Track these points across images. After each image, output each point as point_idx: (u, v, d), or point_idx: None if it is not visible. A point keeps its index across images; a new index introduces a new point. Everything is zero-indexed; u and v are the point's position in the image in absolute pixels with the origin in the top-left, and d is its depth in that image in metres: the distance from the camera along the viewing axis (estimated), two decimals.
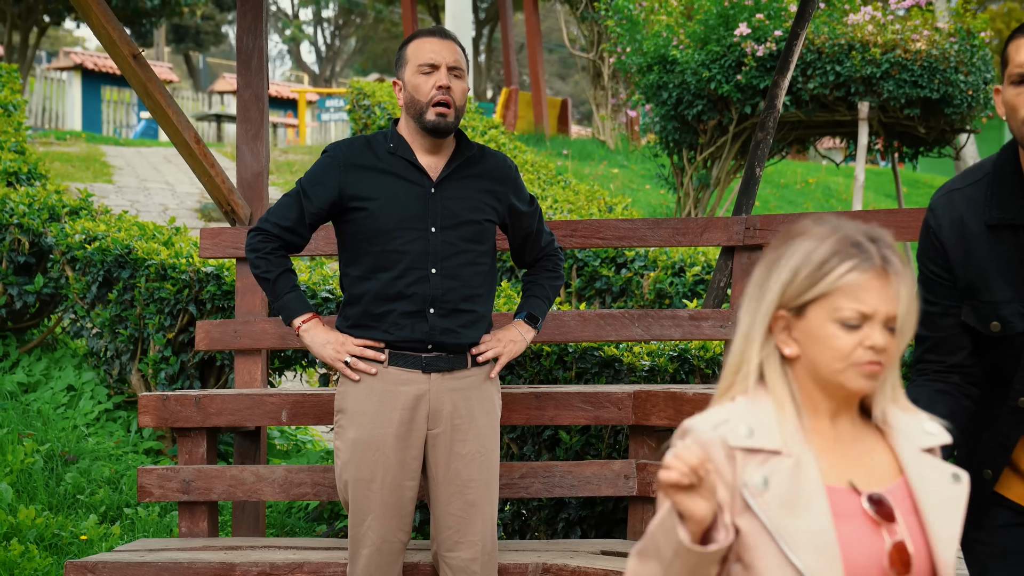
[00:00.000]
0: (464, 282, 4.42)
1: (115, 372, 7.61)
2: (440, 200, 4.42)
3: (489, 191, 4.51)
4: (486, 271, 4.50)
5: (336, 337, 4.41)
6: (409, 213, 4.39)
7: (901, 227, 5.28)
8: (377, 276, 4.39)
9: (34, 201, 8.38)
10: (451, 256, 4.41)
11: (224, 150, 21.97)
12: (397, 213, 4.39)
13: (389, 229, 4.39)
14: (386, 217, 4.39)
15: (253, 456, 5.61)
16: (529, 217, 4.63)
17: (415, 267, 4.37)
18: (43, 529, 6.12)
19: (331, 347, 4.40)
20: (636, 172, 21.17)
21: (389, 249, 4.38)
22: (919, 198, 24.28)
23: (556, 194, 12.10)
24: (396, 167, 4.44)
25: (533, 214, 4.64)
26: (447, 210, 4.42)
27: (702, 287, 9.63)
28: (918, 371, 3.44)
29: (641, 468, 5.04)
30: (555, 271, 4.74)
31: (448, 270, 4.40)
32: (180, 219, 14.51)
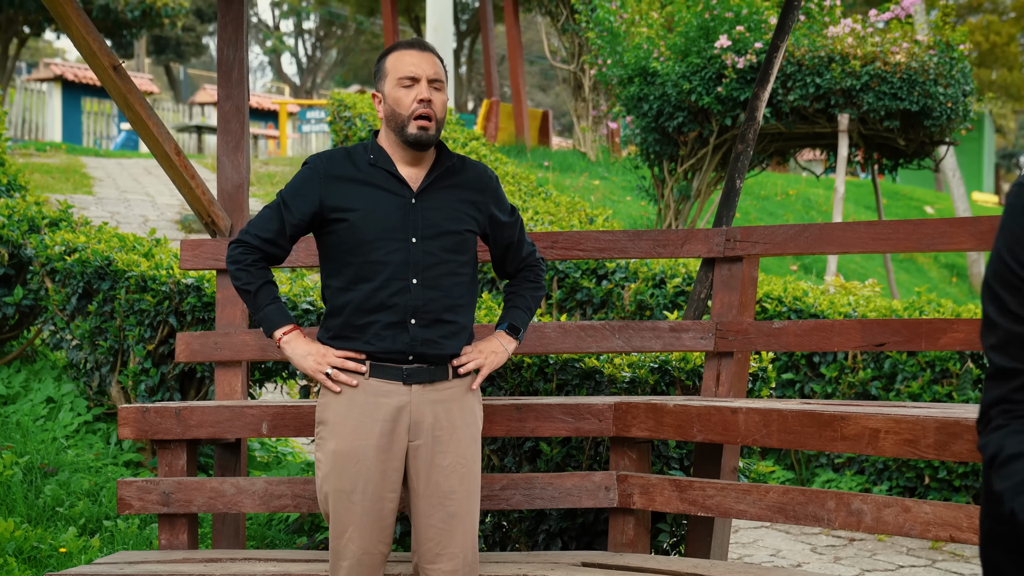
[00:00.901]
0: (445, 292, 4.42)
1: (95, 384, 7.59)
2: (421, 211, 4.42)
3: (470, 201, 4.51)
4: (467, 282, 4.50)
5: (317, 349, 4.41)
6: (390, 224, 4.39)
7: (881, 239, 5.30)
8: (358, 287, 4.39)
9: (14, 213, 8.36)
10: (432, 266, 4.40)
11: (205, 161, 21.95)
12: (378, 224, 4.39)
13: (370, 240, 4.38)
14: (367, 228, 4.39)
15: (233, 468, 5.60)
16: (510, 227, 4.64)
17: (396, 278, 4.36)
18: (22, 542, 6.10)
19: (312, 359, 4.40)
20: (617, 184, 21.19)
21: (370, 260, 4.37)
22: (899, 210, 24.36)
23: (537, 206, 12.11)
24: (376, 178, 4.44)
25: (514, 224, 4.65)
26: (428, 220, 4.42)
27: (683, 299, 9.64)
28: (1005, 413, 2.49)
29: (622, 480, 5.04)
30: (536, 282, 4.74)
31: (429, 280, 4.39)
32: (160, 231, 14.49)
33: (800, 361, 9.20)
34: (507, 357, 4.57)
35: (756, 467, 6.11)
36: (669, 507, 4.92)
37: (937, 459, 4.36)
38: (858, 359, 8.95)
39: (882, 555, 7.85)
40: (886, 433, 4.33)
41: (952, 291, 19.96)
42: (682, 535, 5.82)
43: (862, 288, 10.68)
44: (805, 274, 17.26)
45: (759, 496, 4.69)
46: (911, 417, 4.28)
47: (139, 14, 25.50)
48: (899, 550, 7.98)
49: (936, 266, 21.59)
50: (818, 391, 9.05)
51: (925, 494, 8.42)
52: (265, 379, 6.92)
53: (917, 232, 5.21)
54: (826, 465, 9.09)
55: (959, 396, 8.45)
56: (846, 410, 4.47)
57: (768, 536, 8.19)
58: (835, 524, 4.50)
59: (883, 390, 8.82)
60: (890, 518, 4.38)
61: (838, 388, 8.98)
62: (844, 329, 5.29)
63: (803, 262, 18.07)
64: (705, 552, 5.31)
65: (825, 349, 5.41)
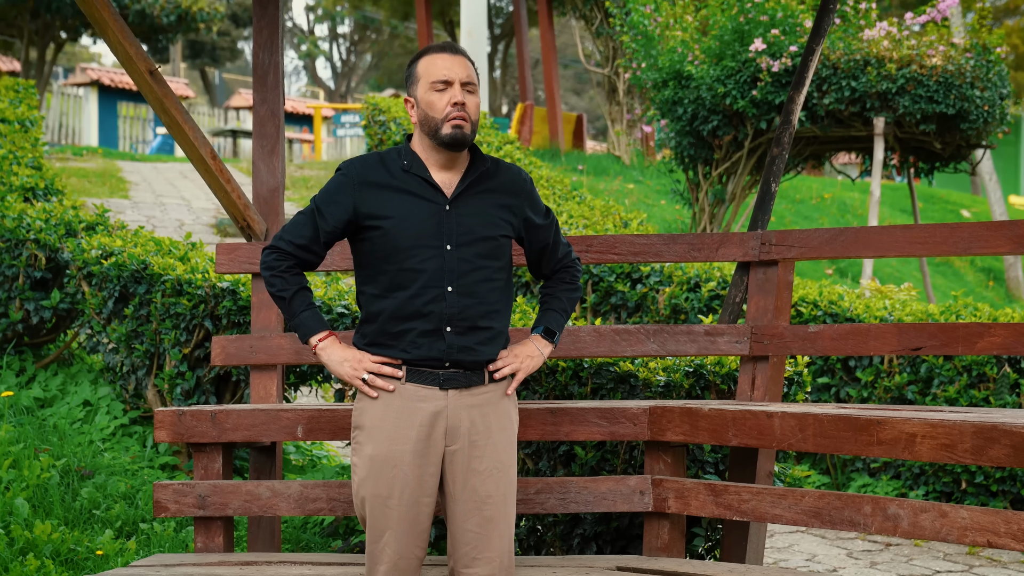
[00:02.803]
0: (481, 299, 4.41)
1: (131, 387, 7.62)
2: (455, 217, 4.41)
3: (504, 205, 4.50)
4: (502, 287, 4.50)
5: (353, 355, 4.41)
6: (424, 231, 4.38)
7: (917, 243, 5.27)
8: (394, 295, 4.39)
9: (51, 217, 8.40)
10: (467, 273, 4.39)
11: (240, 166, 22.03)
12: (412, 231, 4.38)
13: (405, 247, 4.38)
14: (401, 235, 4.38)
15: (269, 471, 5.61)
16: (545, 230, 4.63)
17: (431, 285, 4.36)
18: (59, 544, 6.13)
19: (348, 365, 4.41)
20: (651, 187, 21.17)
21: (405, 267, 4.37)
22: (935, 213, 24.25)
23: (571, 209, 12.10)
24: (410, 184, 4.43)
25: (549, 226, 4.64)
26: (462, 227, 4.41)
27: (717, 302, 9.62)
28: None
29: (657, 484, 5.03)
30: (572, 283, 4.73)
31: (464, 287, 4.39)
32: (196, 234, 14.55)
33: (836, 365, 9.17)
34: (543, 361, 4.57)
35: (791, 471, 6.09)
36: (704, 511, 4.91)
37: (974, 464, 4.34)
38: (894, 363, 8.91)
39: (918, 560, 7.82)
40: (922, 438, 4.31)
41: (989, 295, 19.86)
42: (717, 539, 5.81)
43: (898, 292, 10.63)
44: (841, 278, 17.20)
45: (795, 500, 4.68)
46: (948, 422, 4.26)
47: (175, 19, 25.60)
48: (935, 555, 7.95)
49: (973, 270, 21.48)
50: (854, 395, 9.01)
51: (962, 499, 8.38)
52: (300, 382, 6.93)
53: (953, 236, 5.18)
54: (862, 470, 9.06)
55: (996, 401, 8.41)
56: (882, 414, 4.45)
57: (804, 541, 8.16)
58: (871, 529, 4.48)
59: (919, 394, 8.78)
60: (927, 523, 4.35)
61: (874, 392, 8.94)
62: (880, 333, 5.27)
63: (838, 266, 18.01)
64: (740, 557, 5.30)
65: (861, 353, 5.39)
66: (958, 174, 17.97)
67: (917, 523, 4.38)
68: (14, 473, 6.77)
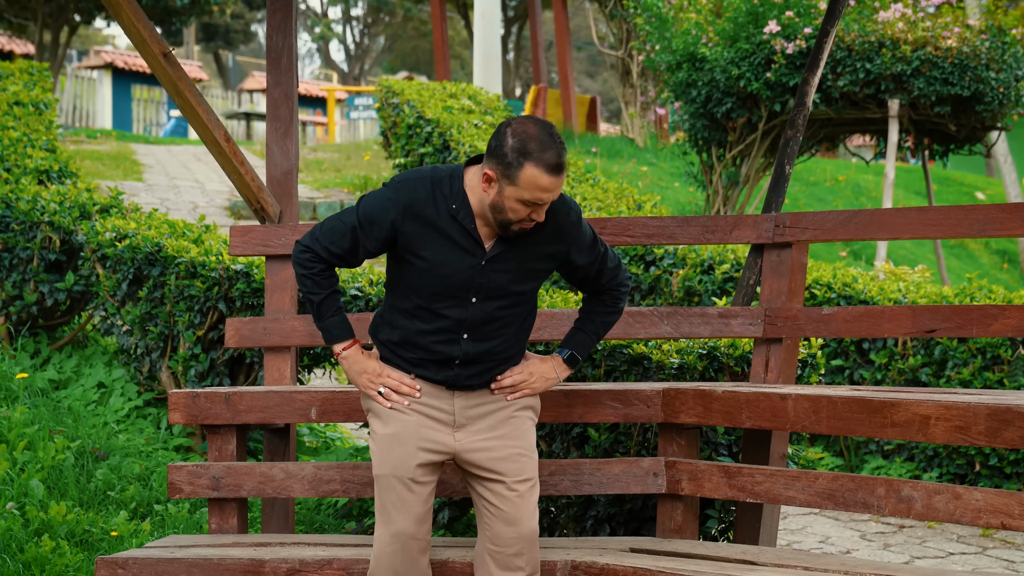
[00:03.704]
0: (495, 342, 4.47)
1: (145, 369, 7.64)
2: (488, 273, 4.38)
3: (547, 255, 4.45)
4: (521, 323, 4.53)
5: (373, 367, 4.44)
6: (455, 282, 4.37)
7: (932, 225, 5.26)
8: (412, 321, 4.42)
9: (65, 199, 8.41)
10: (486, 323, 4.43)
11: (254, 148, 22.04)
12: (444, 279, 4.37)
13: (432, 292, 4.38)
14: (432, 279, 4.37)
15: (283, 453, 5.62)
16: (586, 268, 4.56)
17: (448, 330, 4.42)
18: (74, 525, 6.15)
19: (366, 377, 4.45)
20: (665, 170, 21.14)
21: (429, 307, 4.40)
22: (949, 196, 24.19)
23: (585, 192, 12.09)
24: (453, 230, 4.35)
25: (593, 262, 4.55)
26: (493, 283, 4.39)
27: (731, 285, 9.62)
28: None
29: (670, 466, 5.03)
30: (612, 306, 4.67)
31: (480, 335, 4.44)
32: (210, 217, 14.56)
33: (849, 347, 9.16)
34: (555, 384, 4.58)
35: (805, 454, 6.09)
36: (718, 493, 4.91)
37: (988, 446, 4.34)
38: (908, 346, 8.90)
39: (932, 542, 7.82)
40: (936, 420, 4.31)
41: (1003, 277, 19.81)
42: (731, 521, 5.81)
43: (912, 274, 10.61)
44: (855, 260, 17.17)
45: (808, 483, 4.68)
46: (962, 404, 4.25)
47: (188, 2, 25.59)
48: (949, 537, 7.94)
49: (987, 252, 21.43)
50: (867, 377, 9.00)
51: (976, 481, 8.37)
52: (314, 364, 6.94)
53: (968, 218, 5.17)
54: (875, 452, 9.05)
55: (1011, 383, 8.39)
56: (896, 396, 4.45)
57: (817, 523, 8.16)
58: (885, 511, 4.48)
59: (933, 377, 8.77)
60: (940, 505, 4.35)
61: (888, 375, 8.93)
62: (894, 315, 5.26)
63: (852, 248, 17.98)
64: (754, 538, 5.30)
65: (875, 335, 5.39)
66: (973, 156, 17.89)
67: (931, 505, 4.37)
68: (29, 455, 6.80)
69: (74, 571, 5.73)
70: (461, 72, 49.65)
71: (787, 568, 4.52)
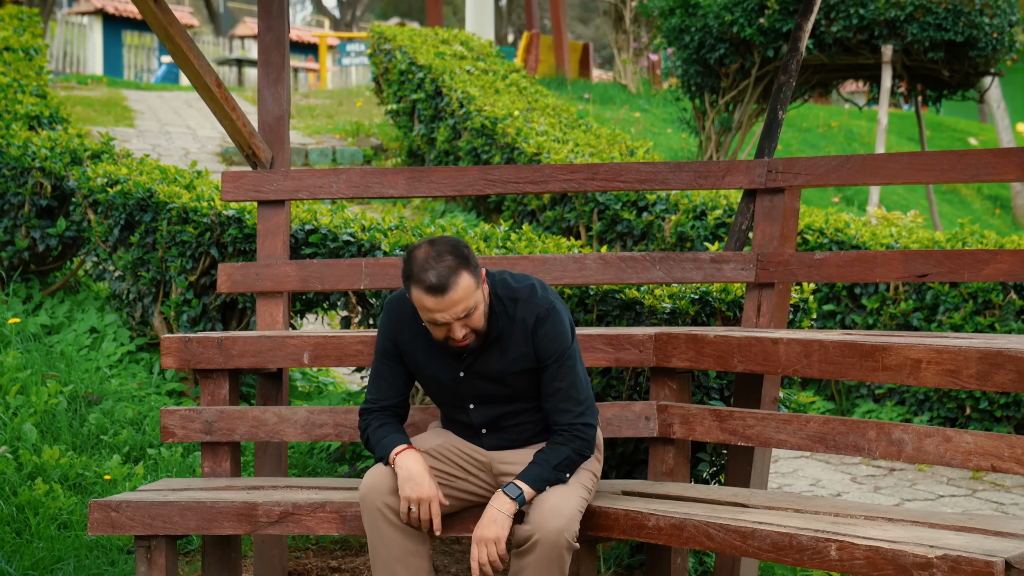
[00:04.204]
0: (516, 435, 4.61)
1: (137, 314, 7.64)
2: (471, 382, 4.52)
3: (519, 357, 4.49)
4: (536, 418, 4.61)
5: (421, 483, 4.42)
6: (447, 392, 4.58)
7: (924, 170, 5.26)
8: (442, 414, 4.74)
9: (56, 145, 8.39)
10: (497, 420, 4.58)
11: (245, 95, 21.96)
12: (437, 390, 4.62)
13: (439, 402, 4.69)
14: (431, 390, 4.65)
15: (275, 398, 5.63)
16: (544, 382, 4.54)
17: (466, 428, 4.62)
18: (67, 469, 6.17)
19: (410, 486, 4.42)
20: (657, 116, 21.09)
21: (443, 411, 4.70)
22: (942, 142, 24.17)
23: (577, 138, 12.07)
24: (434, 346, 4.51)
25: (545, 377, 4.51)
26: (480, 391, 4.53)
27: (723, 230, 9.62)
28: None
29: (662, 410, 5.05)
30: (564, 444, 4.50)
31: (497, 428, 4.60)
32: (201, 163, 14.53)
33: (841, 293, 9.18)
34: (509, 521, 4.42)
35: (796, 398, 6.11)
36: (709, 437, 4.93)
37: (979, 390, 4.36)
38: (899, 290, 8.92)
39: (922, 485, 7.86)
40: (927, 364, 4.32)
41: (995, 223, 19.82)
42: (722, 465, 5.84)
43: (904, 219, 10.62)
44: (847, 206, 17.17)
45: (799, 426, 4.69)
46: (953, 347, 4.27)
47: None
48: (939, 480, 7.99)
49: (979, 198, 21.43)
50: (859, 322, 9.02)
51: (966, 425, 8.41)
52: (306, 310, 6.95)
53: (961, 163, 5.17)
54: (867, 396, 9.08)
55: (1002, 327, 8.42)
56: (887, 340, 4.46)
57: (808, 466, 8.20)
58: (875, 454, 4.50)
59: (925, 321, 8.79)
60: (931, 448, 4.37)
61: (879, 319, 8.95)
62: (886, 260, 5.27)
63: (845, 194, 17.97)
64: (745, 482, 5.32)
65: (867, 280, 5.39)
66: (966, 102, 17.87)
67: (921, 448, 4.39)
68: (22, 399, 6.81)
69: (68, 514, 5.75)
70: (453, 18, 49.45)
71: (778, 510, 4.54)
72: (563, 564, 4.32)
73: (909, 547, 3.92)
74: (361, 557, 5.96)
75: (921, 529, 4.20)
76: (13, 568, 5.28)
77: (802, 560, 4.14)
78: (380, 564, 4.47)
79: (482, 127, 12.36)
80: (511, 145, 11.82)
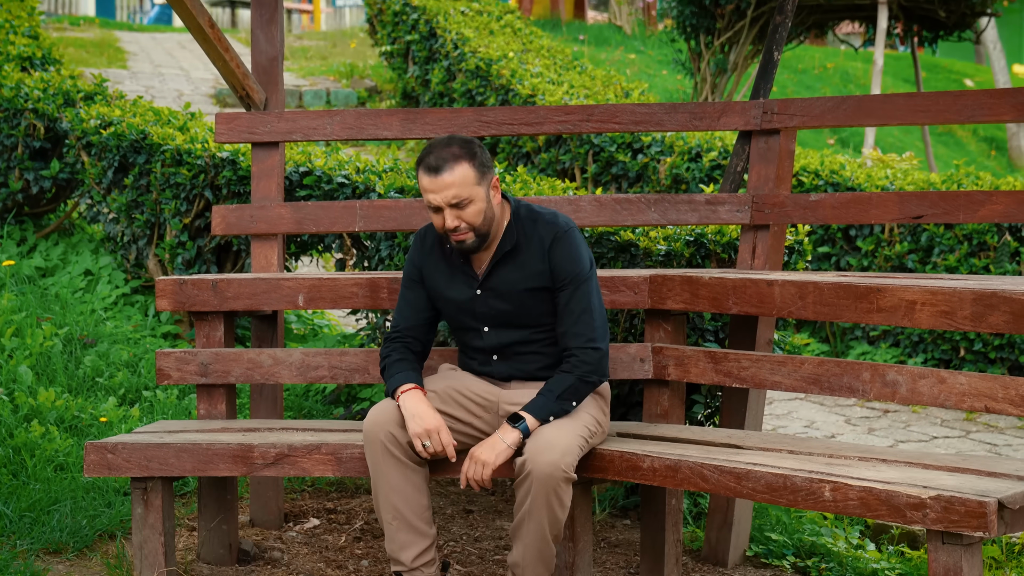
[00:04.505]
0: (526, 365, 4.67)
1: (132, 257, 7.63)
2: (486, 300, 4.61)
3: (537, 272, 4.59)
4: (548, 346, 4.66)
5: (429, 419, 4.47)
6: (463, 311, 4.66)
7: (920, 111, 5.25)
8: (459, 347, 4.84)
9: (49, 86, 8.35)
10: (509, 347, 4.65)
11: (239, 36, 21.84)
12: (455, 312, 4.68)
13: (455, 327, 4.75)
14: (449, 314, 4.71)
15: (270, 340, 5.63)
16: (558, 305, 4.62)
17: (479, 354, 4.69)
18: (63, 411, 6.17)
19: (416, 421, 4.48)
20: (653, 58, 21.02)
21: (459, 339, 4.77)
22: (938, 83, 24.10)
23: (572, 80, 12.03)
24: (454, 265, 4.65)
25: (560, 300, 4.60)
26: (494, 310, 4.61)
27: (719, 172, 9.60)
28: None
29: (657, 352, 5.05)
30: (569, 371, 4.57)
31: (508, 356, 4.66)
32: (195, 105, 14.47)
33: (836, 235, 9.18)
34: (511, 450, 4.48)
35: (791, 340, 6.12)
36: (704, 379, 4.94)
37: (973, 331, 4.36)
38: (895, 232, 8.92)
39: (916, 426, 7.89)
40: (922, 305, 4.32)
41: (991, 164, 19.80)
42: (716, 407, 5.85)
43: (900, 161, 10.61)
44: (842, 148, 17.14)
45: (794, 367, 4.70)
46: (947, 289, 4.27)
47: None
48: (933, 421, 8.02)
49: (975, 139, 21.40)
50: (854, 264, 9.03)
51: (960, 366, 8.43)
52: (301, 252, 6.94)
53: (957, 103, 5.16)
54: (861, 338, 9.10)
55: (996, 269, 8.42)
56: (882, 282, 4.46)
57: (802, 408, 8.23)
58: (870, 395, 4.51)
59: (919, 263, 8.79)
60: (925, 389, 4.38)
61: (874, 261, 8.96)
62: (881, 201, 5.26)
63: (840, 136, 17.95)
64: (739, 423, 5.34)
65: (862, 222, 5.39)
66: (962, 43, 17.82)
67: (915, 389, 4.40)
68: (17, 341, 6.81)
69: (64, 456, 5.77)
70: None
71: (772, 452, 4.56)
72: (560, 495, 4.35)
73: (902, 488, 3.94)
74: (357, 499, 5.98)
75: (915, 470, 4.21)
76: (10, 510, 5.29)
77: (796, 501, 4.16)
78: (381, 497, 4.51)
79: (477, 69, 12.32)
80: (506, 87, 11.78)
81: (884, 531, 5.95)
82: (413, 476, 4.51)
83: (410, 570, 4.54)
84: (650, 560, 5.08)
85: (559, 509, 4.37)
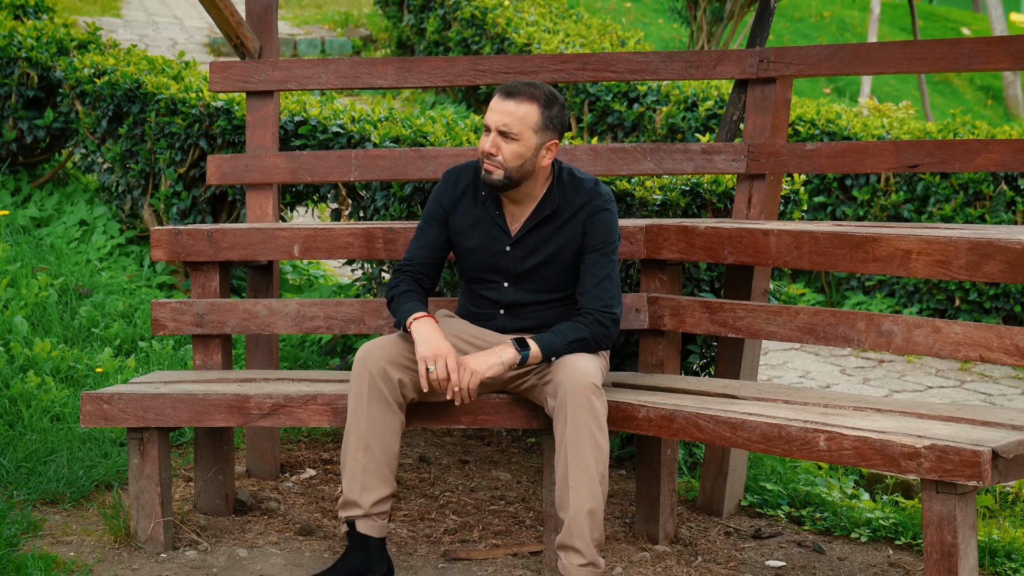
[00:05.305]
0: (534, 322, 4.66)
1: (127, 207, 7.62)
2: (514, 258, 4.63)
3: (570, 239, 4.62)
4: (559, 308, 4.68)
5: (438, 344, 4.43)
6: (487, 265, 4.65)
7: (917, 59, 5.23)
8: (464, 295, 4.79)
9: (42, 35, 8.31)
10: (521, 306, 4.66)
11: None
12: (477, 263, 4.66)
13: (472, 276, 4.71)
14: (470, 262, 4.68)
15: (266, 290, 5.63)
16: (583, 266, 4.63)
17: (489, 305, 4.69)
18: (59, 362, 6.18)
19: (425, 345, 4.44)
20: (649, 6, 20.93)
21: (470, 287, 4.73)
22: (935, 32, 24.04)
23: (568, 28, 11.99)
24: (485, 217, 4.64)
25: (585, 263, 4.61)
26: (520, 267, 4.63)
27: (715, 121, 9.59)
28: None
29: (652, 302, 5.05)
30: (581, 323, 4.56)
31: (517, 314, 4.67)
32: (189, 53, 14.41)
33: (832, 184, 9.17)
34: (502, 368, 4.46)
35: (786, 290, 6.12)
36: (699, 328, 4.94)
37: (968, 280, 4.35)
38: (890, 182, 8.91)
39: (911, 376, 7.90)
40: (918, 254, 4.32)
41: (987, 113, 19.77)
42: (712, 357, 5.86)
43: (896, 110, 10.58)
44: (838, 97, 17.10)
45: (789, 317, 4.70)
46: (943, 238, 4.27)
47: None
48: (928, 371, 8.03)
49: (971, 88, 21.36)
50: (850, 214, 9.02)
51: (955, 316, 8.44)
52: (296, 202, 6.93)
53: (954, 51, 5.14)
54: (856, 288, 9.11)
55: (992, 218, 8.42)
56: (878, 231, 4.46)
57: (797, 358, 8.24)
58: (865, 345, 4.51)
59: (915, 213, 8.79)
60: (920, 338, 4.38)
61: (870, 211, 8.95)
62: (877, 151, 5.25)
63: (836, 85, 17.90)
64: (735, 373, 5.34)
65: (858, 171, 5.38)
66: None
67: (911, 339, 4.41)
68: (12, 291, 6.80)
69: (60, 407, 5.77)
70: None
71: (767, 401, 4.57)
72: (593, 408, 4.34)
73: (897, 437, 3.95)
74: None
75: (909, 420, 4.22)
76: (6, 460, 5.30)
77: (791, 451, 4.17)
78: (355, 434, 4.46)
79: (472, 17, 12.27)
80: (501, 35, 11.74)
81: (878, 481, 5.97)
82: (393, 420, 4.47)
83: (366, 515, 4.47)
84: (645, 510, 5.09)
85: (596, 416, 4.34)
